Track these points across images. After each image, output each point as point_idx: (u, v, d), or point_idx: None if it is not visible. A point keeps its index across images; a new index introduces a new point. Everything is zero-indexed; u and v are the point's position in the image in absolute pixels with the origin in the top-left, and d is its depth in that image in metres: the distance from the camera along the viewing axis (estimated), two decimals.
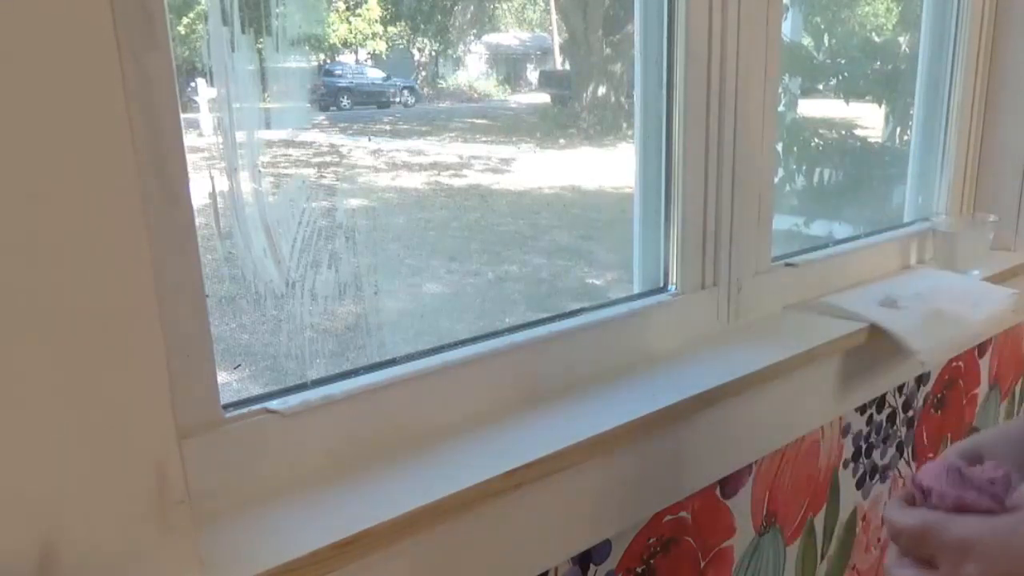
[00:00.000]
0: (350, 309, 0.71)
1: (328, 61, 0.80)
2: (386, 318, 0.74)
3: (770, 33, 0.80)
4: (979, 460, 0.48)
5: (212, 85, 0.52)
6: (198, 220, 0.46)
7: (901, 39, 1.46)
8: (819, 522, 0.93)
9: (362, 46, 0.80)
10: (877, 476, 1.02)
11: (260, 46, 0.56)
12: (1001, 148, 1.19)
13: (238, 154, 0.54)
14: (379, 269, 0.73)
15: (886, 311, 0.88)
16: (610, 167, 1.10)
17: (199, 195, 0.47)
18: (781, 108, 1.19)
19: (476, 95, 1.02)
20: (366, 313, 0.71)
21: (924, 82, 1.18)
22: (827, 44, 1.38)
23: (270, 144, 0.63)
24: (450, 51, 0.95)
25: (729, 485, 0.78)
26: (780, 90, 0.86)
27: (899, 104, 1.39)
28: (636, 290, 0.81)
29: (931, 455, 1.13)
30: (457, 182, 0.99)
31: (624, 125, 1.08)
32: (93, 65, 0.35)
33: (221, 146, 0.53)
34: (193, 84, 0.59)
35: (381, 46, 0.83)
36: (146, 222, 0.37)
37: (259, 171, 0.56)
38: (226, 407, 0.51)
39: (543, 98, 1.13)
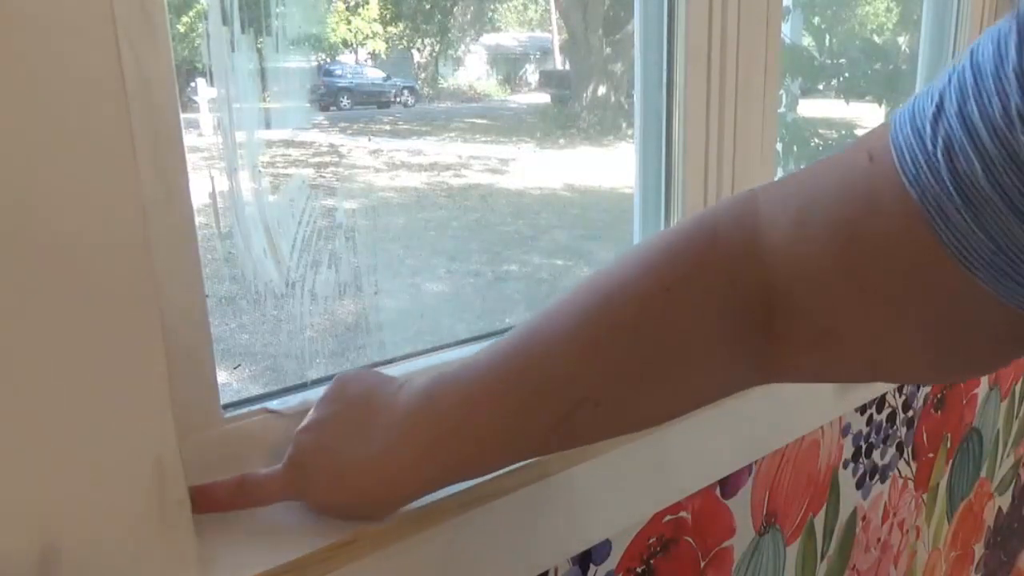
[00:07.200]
0: (350, 309, 0.71)
1: (328, 61, 0.80)
2: (386, 318, 0.74)
3: (770, 33, 0.80)
4: None
5: (212, 85, 0.52)
6: (198, 220, 0.46)
7: (901, 39, 1.46)
8: (819, 522, 0.93)
9: (362, 46, 0.80)
10: (877, 476, 1.02)
11: (260, 46, 0.56)
12: None
13: (238, 154, 0.54)
14: (379, 269, 0.73)
15: None
16: (610, 167, 1.10)
17: (199, 195, 0.47)
18: (781, 109, 1.18)
19: (476, 95, 1.02)
20: (366, 313, 0.71)
21: (924, 82, 1.18)
22: (828, 45, 1.38)
23: (270, 144, 0.63)
24: (450, 51, 0.95)
25: (729, 485, 0.78)
26: (781, 91, 0.86)
27: (899, 104, 1.39)
28: None
29: (931, 455, 1.13)
30: (457, 182, 0.99)
31: (624, 124, 1.08)
32: (92, 65, 0.35)
33: (221, 146, 0.53)
34: (193, 84, 0.58)
35: (381, 46, 0.83)
36: (146, 222, 0.37)
37: (259, 171, 0.56)
38: (226, 407, 0.51)
39: (543, 98, 1.13)
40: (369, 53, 0.83)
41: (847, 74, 1.44)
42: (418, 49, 0.91)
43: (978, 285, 0.32)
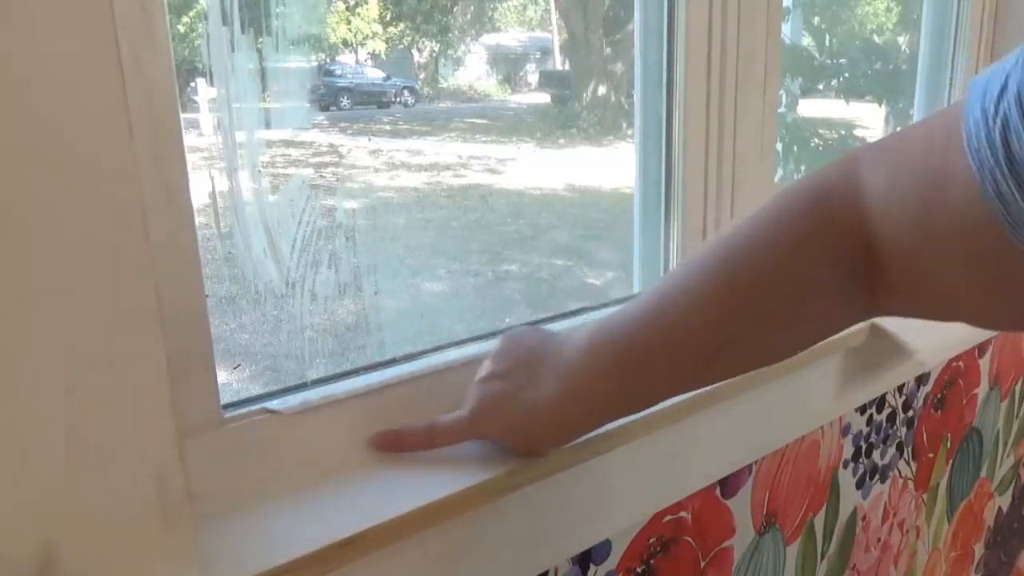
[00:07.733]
0: (350, 309, 0.71)
1: (328, 61, 0.80)
2: (386, 318, 0.74)
3: (770, 33, 0.80)
4: None
5: (212, 85, 0.52)
6: (198, 220, 0.46)
7: (901, 39, 1.46)
8: (819, 522, 0.93)
9: (362, 46, 0.80)
10: (877, 476, 1.02)
11: (260, 46, 0.56)
12: None
13: (238, 154, 0.54)
14: (379, 269, 0.73)
15: None
16: (610, 167, 1.10)
17: (199, 195, 0.47)
18: (781, 109, 1.18)
19: (476, 95, 1.02)
20: (366, 313, 0.71)
21: (924, 82, 1.18)
22: (828, 45, 1.38)
23: (270, 144, 0.63)
24: (450, 51, 0.95)
25: (729, 485, 0.78)
26: (781, 91, 0.86)
27: (899, 104, 1.39)
28: (636, 290, 0.81)
29: (931, 455, 1.13)
30: (457, 182, 0.99)
31: (624, 124, 1.08)
32: (92, 65, 0.35)
33: (221, 146, 0.53)
34: (193, 84, 0.58)
35: (381, 46, 0.83)
36: (146, 222, 0.37)
37: (259, 171, 0.56)
38: (226, 407, 0.51)
39: (543, 98, 1.13)
40: (369, 53, 0.83)
41: (847, 74, 1.44)
42: (418, 49, 0.91)
43: None
